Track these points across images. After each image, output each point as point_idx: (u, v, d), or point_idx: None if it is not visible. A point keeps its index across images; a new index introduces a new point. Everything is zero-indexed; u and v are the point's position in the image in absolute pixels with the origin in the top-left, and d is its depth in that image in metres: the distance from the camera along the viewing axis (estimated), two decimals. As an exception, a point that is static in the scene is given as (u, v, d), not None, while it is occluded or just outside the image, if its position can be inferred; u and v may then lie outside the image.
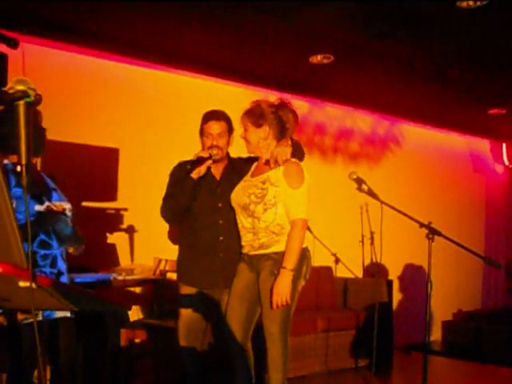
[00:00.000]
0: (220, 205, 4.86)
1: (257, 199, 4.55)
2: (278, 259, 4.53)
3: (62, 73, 6.39)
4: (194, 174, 4.61)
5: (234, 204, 4.75)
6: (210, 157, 4.64)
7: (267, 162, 4.62)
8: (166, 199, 4.93)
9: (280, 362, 4.74)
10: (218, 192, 4.88)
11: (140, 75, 7.06)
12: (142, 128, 7.02)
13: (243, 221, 4.67)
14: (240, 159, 5.08)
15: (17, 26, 5.41)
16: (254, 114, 4.69)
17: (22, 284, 1.89)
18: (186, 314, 4.98)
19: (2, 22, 5.24)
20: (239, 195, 4.69)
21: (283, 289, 4.44)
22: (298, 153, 4.72)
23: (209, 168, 4.71)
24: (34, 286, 1.89)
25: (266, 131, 4.66)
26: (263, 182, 4.59)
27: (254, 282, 4.70)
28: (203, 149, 4.80)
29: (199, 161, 4.60)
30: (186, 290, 4.95)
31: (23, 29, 5.48)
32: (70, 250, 4.38)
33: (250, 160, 4.97)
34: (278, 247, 4.57)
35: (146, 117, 7.07)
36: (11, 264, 1.87)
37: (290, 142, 4.73)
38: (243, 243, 4.72)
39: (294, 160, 4.60)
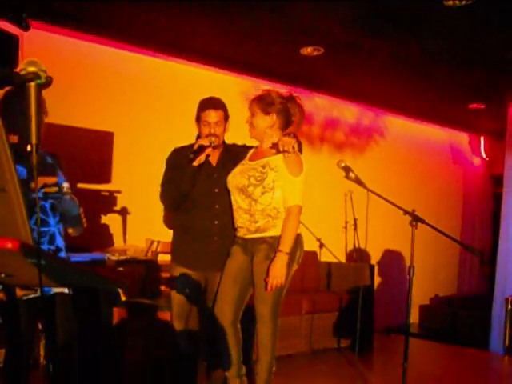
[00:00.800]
0: (216, 190, 4.85)
1: (256, 182, 4.55)
2: (273, 243, 4.55)
3: (60, 58, 6.33)
4: (195, 163, 4.59)
5: (230, 186, 4.74)
6: (210, 144, 4.62)
7: (274, 146, 4.63)
8: (164, 185, 4.91)
9: (269, 343, 4.78)
10: (215, 177, 4.86)
11: (137, 62, 7.05)
12: (137, 113, 7.02)
13: (240, 202, 4.65)
14: (235, 146, 5.08)
15: (16, 10, 5.35)
16: (264, 102, 4.69)
17: (29, 260, 1.87)
18: (179, 295, 4.96)
19: (2, 6, 5.19)
20: (237, 177, 4.68)
21: (279, 271, 4.45)
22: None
23: (207, 155, 4.67)
24: (42, 262, 1.87)
25: (272, 120, 4.67)
26: (263, 166, 4.59)
27: (248, 264, 4.70)
28: (200, 136, 4.79)
29: (200, 149, 4.59)
30: (180, 271, 4.94)
31: (23, 13, 5.41)
32: (70, 231, 4.34)
33: (246, 147, 5.00)
34: (274, 231, 4.57)
35: (141, 102, 7.06)
36: (19, 240, 1.84)
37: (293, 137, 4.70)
38: (239, 224, 4.71)
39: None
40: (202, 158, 4.59)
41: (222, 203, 4.83)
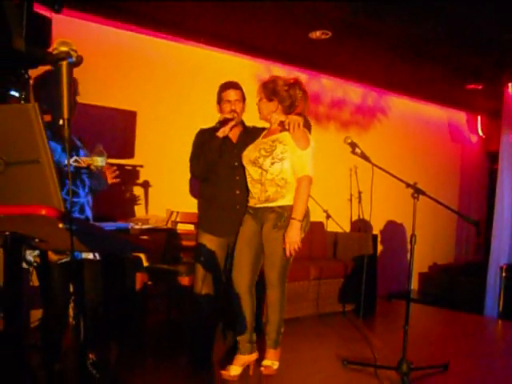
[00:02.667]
0: (236, 163, 5.06)
1: (266, 153, 4.76)
2: (281, 213, 4.73)
3: (88, 42, 6.34)
4: (220, 133, 4.86)
5: (245, 160, 4.91)
6: (233, 118, 4.88)
7: (281, 124, 4.82)
8: (193, 159, 5.09)
9: (278, 305, 4.91)
10: (235, 152, 5.06)
11: (158, 46, 7.07)
12: (158, 93, 7.05)
13: (252, 173, 4.84)
14: (253, 127, 5.28)
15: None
16: (268, 89, 4.90)
17: (61, 225, 1.88)
18: (204, 259, 5.11)
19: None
20: (251, 152, 4.87)
21: (294, 237, 4.63)
22: (306, 126, 4.88)
23: (229, 129, 4.91)
24: (74, 227, 1.88)
25: (275, 105, 4.89)
26: (273, 141, 4.81)
27: (259, 233, 4.86)
28: (221, 113, 5.03)
29: (225, 121, 4.86)
30: (205, 237, 5.11)
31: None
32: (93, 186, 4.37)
33: (262, 129, 5.19)
34: (283, 201, 4.75)
35: (162, 84, 7.09)
36: (52, 207, 1.86)
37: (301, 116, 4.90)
38: (251, 195, 4.89)
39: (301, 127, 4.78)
40: (226, 129, 4.87)
41: (242, 175, 5.02)
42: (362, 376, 5.13)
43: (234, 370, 4.86)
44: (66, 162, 3.96)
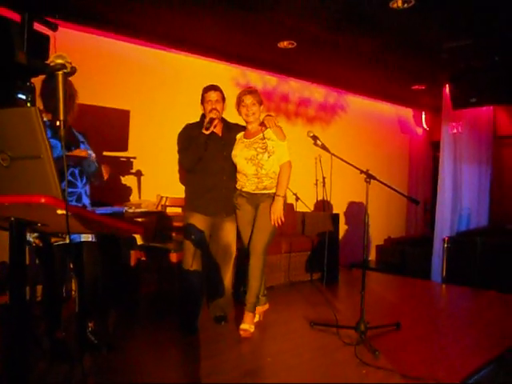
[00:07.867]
0: (225, 153, 5.16)
1: (262, 150, 4.96)
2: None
3: (87, 51, 6.35)
4: (208, 131, 4.91)
5: (238, 159, 5.07)
6: (216, 117, 4.98)
7: (262, 124, 5.06)
8: (182, 153, 5.12)
9: (259, 273, 5.02)
10: (222, 144, 5.16)
11: (148, 54, 7.04)
12: (148, 94, 7.03)
13: (247, 170, 5.02)
14: (231, 122, 5.37)
15: (52, 13, 5.31)
16: (258, 96, 5.10)
17: (59, 212, 1.88)
18: (192, 236, 5.13)
19: (40, 9, 5.14)
20: (244, 151, 5.04)
21: (279, 210, 4.93)
22: None
23: (214, 126, 4.98)
24: (69, 213, 1.88)
25: (261, 108, 5.16)
26: (262, 139, 5.00)
27: (254, 212, 5.10)
28: (205, 112, 5.10)
29: (211, 121, 4.92)
30: (195, 216, 5.14)
31: (56, 15, 5.36)
32: (92, 180, 4.35)
33: (239, 125, 5.34)
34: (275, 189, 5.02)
35: (152, 86, 7.06)
36: (51, 196, 1.86)
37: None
38: (250, 184, 5.06)
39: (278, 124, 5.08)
40: (211, 127, 4.92)
41: (229, 163, 5.15)
42: (326, 335, 5.15)
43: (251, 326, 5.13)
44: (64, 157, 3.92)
